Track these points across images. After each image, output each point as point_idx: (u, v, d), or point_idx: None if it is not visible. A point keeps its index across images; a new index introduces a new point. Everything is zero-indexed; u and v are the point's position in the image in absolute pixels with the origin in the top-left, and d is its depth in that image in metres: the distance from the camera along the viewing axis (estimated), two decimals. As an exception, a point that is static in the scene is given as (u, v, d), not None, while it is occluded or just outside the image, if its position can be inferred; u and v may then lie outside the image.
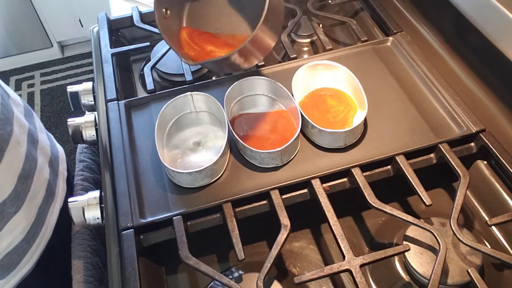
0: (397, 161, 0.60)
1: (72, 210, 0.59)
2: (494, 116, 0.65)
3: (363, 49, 0.75)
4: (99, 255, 0.64)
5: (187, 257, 0.53)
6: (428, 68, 0.70)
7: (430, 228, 0.54)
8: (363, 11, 0.89)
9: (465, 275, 0.53)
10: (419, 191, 0.56)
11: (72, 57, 2.43)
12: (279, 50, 0.87)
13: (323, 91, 0.67)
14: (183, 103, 0.65)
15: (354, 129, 0.60)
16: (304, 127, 0.63)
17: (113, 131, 0.66)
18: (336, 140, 0.61)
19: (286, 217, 0.55)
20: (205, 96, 0.65)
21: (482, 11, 0.62)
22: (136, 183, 0.60)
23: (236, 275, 0.58)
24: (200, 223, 0.58)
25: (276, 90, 0.66)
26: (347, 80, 0.66)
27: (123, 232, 0.55)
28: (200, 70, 0.81)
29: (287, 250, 0.62)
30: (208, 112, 0.66)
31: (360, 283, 0.50)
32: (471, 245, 0.52)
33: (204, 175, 0.57)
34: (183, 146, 0.63)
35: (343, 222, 0.56)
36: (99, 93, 0.76)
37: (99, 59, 0.80)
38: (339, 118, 0.64)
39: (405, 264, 0.56)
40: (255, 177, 0.59)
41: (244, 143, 0.59)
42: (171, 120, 0.65)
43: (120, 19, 0.87)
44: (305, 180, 0.59)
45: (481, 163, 0.64)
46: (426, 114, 0.65)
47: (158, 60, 0.77)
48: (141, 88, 0.83)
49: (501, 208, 0.61)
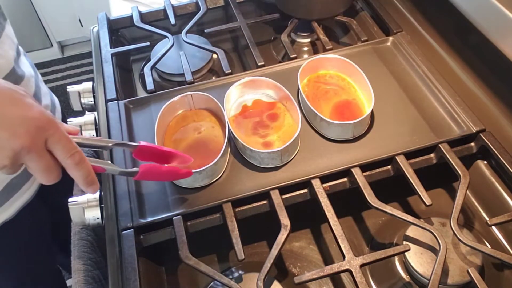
0: (397, 161, 0.60)
1: (72, 210, 0.59)
2: (494, 116, 0.65)
3: (363, 49, 0.75)
4: (100, 267, 0.64)
5: (187, 257, 0.53)
6: (428, 68, 0.70)
7: (430, 228, 0.54)
8: (363, 11, 0.89)
9: (465, 275, 0.53)
10: (419, 191, 0.56)
11: (72, 57, 2.43)
12: (279, 50, 0.87)
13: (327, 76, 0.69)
14: (183, 103, 0.65)
15: (362, 121, 0.60)
16: (312, 120, 0.63)
17: (113, 131, 0.66)
18: (345, 132, 0.61)
19: (286, 217, 0.55)
20: (204, 96, 0.65)
21: (482, 11, 0.62)
22: (136, 183, 0.60)
23: (236, 275, 0.58)
24: (200, 223, 0.58)
25: (276, 90, 0.66)
26: (353, 74, 0.67)
27: (123, 232, 0.55)
28: (200, 70, 0.81)
29: (287, 250, 0.62)
30: (207, 111, 0.66)
31: (360, 283, 0.50)
32: (471, 245, 0.52)
33: (204, 175, 0.57)
34: (182, 146, 0.63)
35: (343, 222, 0.56)
36: (99, 93, 0.76)
37: (99, 59, 0.80)
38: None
39: (405, 264, 0.56)
40: (255, 177, 0.59)
41: (244, 143, 0.59)
42: (170, 120, 0.65)
43: (120, 19, 0.87)
44: (305, 180, 0.59)
45: (481, 163, 0.64)
46: (426, 114, 0.65)
47: (158, 60, 0.77)
48: (141, 88, 0.83)
49: (501, 208, 0.61)
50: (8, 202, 0.70)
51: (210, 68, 0.83)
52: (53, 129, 0.42)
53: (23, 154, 0.41)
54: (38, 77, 0.77)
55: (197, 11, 0.86)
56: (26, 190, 0.73)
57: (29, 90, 0.70)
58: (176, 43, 0.82)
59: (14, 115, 0.40)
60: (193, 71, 0.78)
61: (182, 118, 0.66)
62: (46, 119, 0.42)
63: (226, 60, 0.76)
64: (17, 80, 0.67)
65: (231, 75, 0.73)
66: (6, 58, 0.64)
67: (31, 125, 0.41)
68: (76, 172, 0.44)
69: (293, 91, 0.67)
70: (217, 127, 0.64)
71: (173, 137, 0.63)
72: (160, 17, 0.87)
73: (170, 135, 0.63)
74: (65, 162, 0.44)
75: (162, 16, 0.87)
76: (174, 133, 0.64)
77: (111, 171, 0.50)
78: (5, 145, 0.40)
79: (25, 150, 0.40)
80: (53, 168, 0.43)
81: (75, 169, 0.44)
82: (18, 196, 0.72)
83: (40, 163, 0.42)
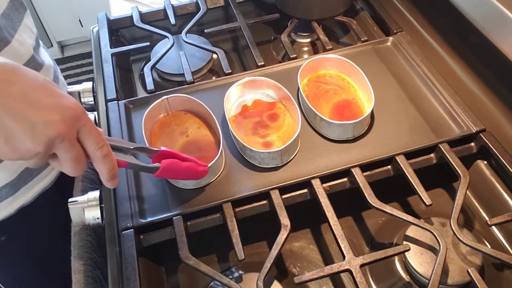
0: (397, 161, 0.60)
1: (72, 210, 0.59)
2: (494, 116, 0.65)
3: (363, 49, 0.75)
4: (100, 267, 0.64)
5: (187, 257, 0.53)
6: (428, 68, 0.70)
7: (430, 228, 0.54)
8: (363, 11, 0.89)
9: (465, 275, 0.53)
10: (419, 191, 0.56)
11: (72, 57, 2.43)
12: (279, 50, 0.87)
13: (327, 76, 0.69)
14: (159, 108, 0.64)
15: (362, 121, 0.60)
16: (312, 120, 0.63)
17: (113, 131, 0.66)
18: (345, 132, 0.61)
19: (286, 217, 0.55)
20: (180, 98, 0.64)
21: (482, 11, 0.62)
22: (136, 183, 0.60)
23: (236, 275, 0.58)
24: (200, 223, 0.58)
25: (276, 90, 0.66)
26: (353, 73, 0.67)
27: (123, 232, 0.55)
28: (200, 70, 0.81)
29: (287, 250, 0.62)
30: (187, 113, 0.66)
31: (360, 283, 0.50)
32: (471, 245, 0.52)
33: (210, 172, 0.57)
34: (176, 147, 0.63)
35: (343, 222, 0.56)
36: (99, 93, 0.76)
37: (99, 59, 0.80)
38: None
39: (405, 264, 0.56)
40: (255, 177, 0.59)
41: (244, 143, 0.59)
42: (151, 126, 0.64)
43: (120, 19, 0.87)
44: (305, 180, 0.59)
45: (481, 163, 0.64)
46: (426, 114, 0.65)
47: (158, 60, 0.77)
48: (141, 88, 0.83)
49: (501, 208, 0.61)
50: (26, 186, 0.71)
51: (210, 68, 0.83)
52: (85, 120, 0.43)
53: (57, 142, 0.41)
54: (57, 69, 0.78)
55: (197, 11, 0.86)
56: (45, 176, 0.74)
57: (49, 78, 0.71)
58: (176, 43, 0.82)
59: (50, 103, 0.40)
60: (193, 71, 0.78)
61: (162, 124, 0.65)
62: (80, 109, 0.42)
63: (226, 60, 0.76)
64: (37, 67, 0.67)
65: (231, 75, 0.73)
66: (26, 46, 0.65)
67: (67, 114, 0.41)
68: (103, 165, 0.45)
69: (293, 91, 0.67)
70: (202, 127, 0.64)
71: (158, 142, 0.62)
72: (160, 17, 0.87)
73: (155, 141, 0.63)
74: (94, 153, 0.44)
75: (162, 16, 0.87)
76: (157, 139, 0.63)
77: (132, 167, 0.50)
78: (40, 131, 0.40)
79: (60, 138, 0.40)
80: (82, 158, 0.44)
81: (102, 162, 0.45)
82: (36, 181, 0.72)
83: (72, 152, 0.42)
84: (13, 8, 0.63)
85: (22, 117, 0.39)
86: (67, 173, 0.45)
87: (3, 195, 0.68)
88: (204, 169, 0.56)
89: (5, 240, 0.75)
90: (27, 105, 0.39)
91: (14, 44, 0.61)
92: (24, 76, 0.40)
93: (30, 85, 0.40)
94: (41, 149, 0.40)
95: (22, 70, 0.41)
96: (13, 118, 0.39)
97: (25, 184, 0.70)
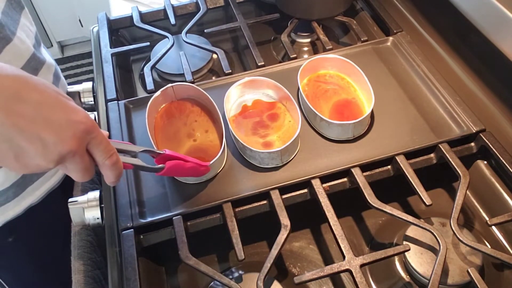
0: (397, 161, 0.60)
1: (72, 210, 0.59)
2: (494, 116, 0.65)
3: (363, 49, 0.75)
4: (100, 267, 0.64)
5: (187, 257, 0.53)
6: (428, 68, 0.70)
7: (430, 228, 0.54)
8: (363, 11, 0.89)
9: (465, 275, 0.53)
10: (419, 191, 0.56)
11: (72, 57, 2.43)
12: (279, 50, 0.87)
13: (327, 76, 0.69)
14: (165, 96, 0.65)
15: (362, 121, 0.60)
16: (312, 120, 0.63)
17: (113, 131, 0.66)
18: (345, 132, 0.61)
19: (286, 217, 0.55)
20: (185, 86, 0.65)
21: (482, 11, 0.62)
22: (136, 183, 0.60)
23: (236, 275, 0.58)
24: (200, 223, 0.58)
25: (276, 90, 0.66)
26: (353, 73, 0.67)
27: (123, 232, 0.55)
28: (200, 70, 0.81)
29: (287, 250, 0.62)
30: (191, 103, 0.66)
31: (360, 283, 0.50)
32: (471, 245, 0.52)
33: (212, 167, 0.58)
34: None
35: (343, 222, 0.56)
36: (99, 93, 0.76)
37: (99, 59, 0.80)
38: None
39: (405, 264, 0.56)
40: (255, 177, 0.59)
41: (244, 143, 0.59)
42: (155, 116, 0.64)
43: (120, 19, 0.87)
44: (305, 180, 0.59)
45: (481, 163, 0.64)
46: (426, 114, 0.65)
47: (158, 60, 0.77)
48: (141, 88, 0.83)
49: (501, 208, 0.61)
50: (32, 186, 0.71)
51: (210, 68, 0.83)
52: (95, 132, 0.43)
53: (68, 157, 0.41)
54: (58, 69, 0.78)
55: (197, 11, 0.86)
56: (52, 175, 0.74)
57: (49, 77, 0.71)
58: (176, 43, 0.82)
59: (62, 120, 0.40)
60: (193, 71, 0.78)
61: (166, 111, 0.65)
62: (91, 122, 0.42)
63: (226, 60, 0.76)
64: (38, 65, 0.67)
65: (231, 75, 0.73)
66: (26, 44, 0.65)
67: (78, 129, 0.41)
68: (111, 172, 0.45)
69: (293, 91, 0.67)
70: (210, 129, 0.64)
71: (161, 135, 0.63)
72: (160, 17, 0.87)
73: (158, 130, 0.63)
74: (103, 162, 0.44)
75: (162, 16, 0.87)
76: (161, 128, 0.63)
77: (138, 168, 0.51)
78: (52, 149, 0.40)
79: (71, 154, 0.41)
80: (91, 168, 0.44)
81: (111, 169, 0.45)
82: (43, 180, 0.72)
83: (81, 164, 0.42)
84: (11, 7, 0.63)
85: (35, 136, 0.39)
86: (75, 179, 0.45)
87: (10, 195, 0.68)
88: (207, 168, 0.56)
89: (12, 241, 0.75)
90: (38, 124, 0.39)
91: (15, 41, 0.61)
92: (35, 91, 0.40)
93: (41, 101, 0.40)
94: (52, 165, 0.41)
95: (33, 83, 0.40)
96: (25, 138, 0.39)
97: (31, 183, 0.70)
